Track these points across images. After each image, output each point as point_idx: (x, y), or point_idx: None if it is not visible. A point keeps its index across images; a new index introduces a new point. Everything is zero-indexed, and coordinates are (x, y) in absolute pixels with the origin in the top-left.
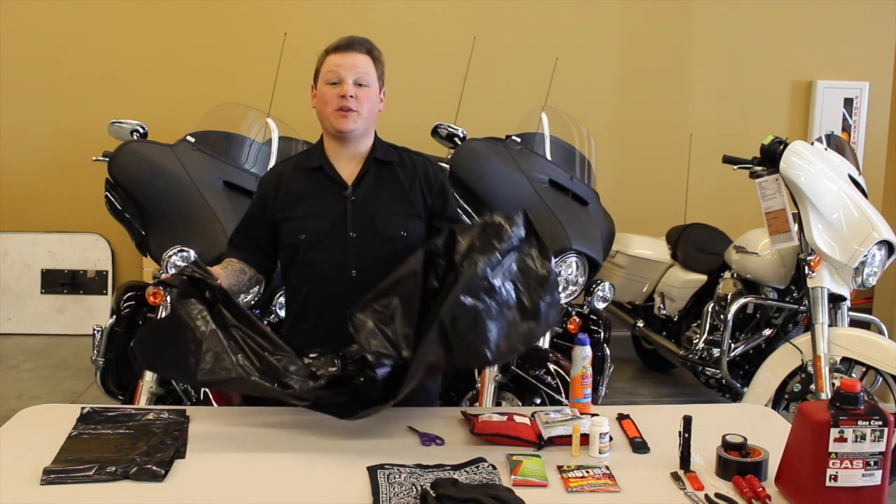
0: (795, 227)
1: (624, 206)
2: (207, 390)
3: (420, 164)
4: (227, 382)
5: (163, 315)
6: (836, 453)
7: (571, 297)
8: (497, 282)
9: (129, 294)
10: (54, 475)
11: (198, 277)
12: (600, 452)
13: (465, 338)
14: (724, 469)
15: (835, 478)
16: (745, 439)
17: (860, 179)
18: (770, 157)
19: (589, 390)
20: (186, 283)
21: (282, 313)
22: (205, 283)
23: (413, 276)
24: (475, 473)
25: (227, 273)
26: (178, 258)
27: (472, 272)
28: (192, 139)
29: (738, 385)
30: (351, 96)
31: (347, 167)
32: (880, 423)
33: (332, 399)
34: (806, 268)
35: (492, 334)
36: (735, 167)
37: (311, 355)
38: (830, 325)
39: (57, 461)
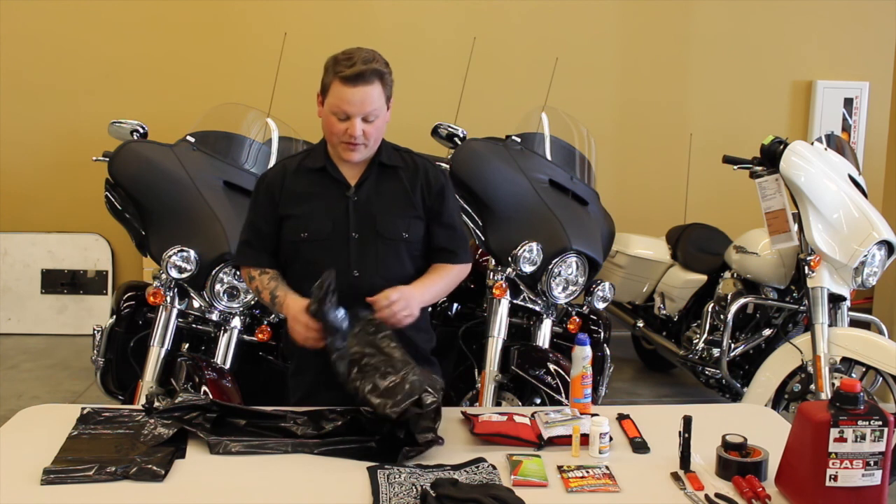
0: (795, 227)
1: (624, 206)
2: (207, 390)
3: (422, 166)
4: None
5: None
6: (836, 453)
7: (571, 297)
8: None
9: (129, 294)
10: (54, 475)
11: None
12: (600, 452)
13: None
14: (724, 469)
15: (835, 478)
16: (745, 439)
17: (860, 179)
18: (770, 157)
19: (589, 390)
20: (189, 410)
21: None
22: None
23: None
24: (475, 473)
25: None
26: (178, 258)
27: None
28: (192, 139)
29: (738, 385)
30: (359, 135)
31: (351, 169)
32: (880, 423)
33: (339, 440)
34: (806, 268)
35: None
36: (735, 167)
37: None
38: (830, 325)
39: (57, 461)
